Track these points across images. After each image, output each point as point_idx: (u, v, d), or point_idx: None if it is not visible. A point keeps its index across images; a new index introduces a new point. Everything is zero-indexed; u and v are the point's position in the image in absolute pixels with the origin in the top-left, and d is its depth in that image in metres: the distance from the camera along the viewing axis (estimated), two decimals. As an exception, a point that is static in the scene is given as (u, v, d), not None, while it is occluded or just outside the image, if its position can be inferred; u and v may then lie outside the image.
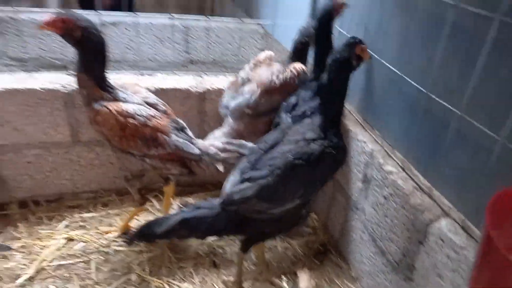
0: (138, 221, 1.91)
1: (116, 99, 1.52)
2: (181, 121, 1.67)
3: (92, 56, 1.46)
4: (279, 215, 1.41)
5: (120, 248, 1.76)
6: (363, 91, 1.78)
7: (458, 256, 1.14)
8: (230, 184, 1.41)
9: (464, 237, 1.17)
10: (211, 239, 1.80)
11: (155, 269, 1.66)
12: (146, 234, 1.38)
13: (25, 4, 3.28)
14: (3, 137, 1.80)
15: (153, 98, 1.63)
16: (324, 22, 1.72)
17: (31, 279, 1.58)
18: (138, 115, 1.50)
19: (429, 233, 1.26)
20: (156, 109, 1.60)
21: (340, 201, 1.85)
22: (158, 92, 1.89)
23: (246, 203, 1.34)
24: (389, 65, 1.55)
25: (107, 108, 1.46)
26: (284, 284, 1.65)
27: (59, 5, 4.39)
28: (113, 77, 1.95)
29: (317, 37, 1.76)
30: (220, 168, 1.61)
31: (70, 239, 1.79)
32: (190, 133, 1.67)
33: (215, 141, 1.66)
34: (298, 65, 1.84)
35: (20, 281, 1.56)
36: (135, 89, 1.63)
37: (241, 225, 1.43)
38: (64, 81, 1.82)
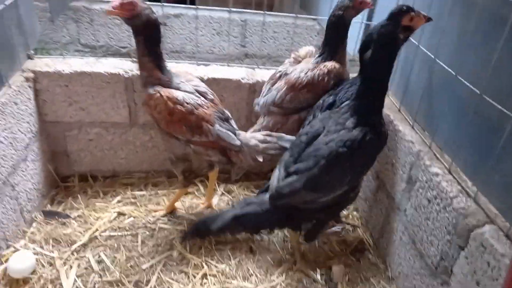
0: (183, 203, 2.01)
1: (171, 83, 1.61)
2: (226, 112, 1.73)
3: (153, 39, 1.56)
4: (328, 202, 1.43)
5: (165, 226, 1.86)
6: (415, 90, 1.74)
7: (499, 264, 1.10)
8: (276, 178, 1.44)
9: (508, 246, 1.12)
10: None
11: (195, 249, 1.75)
12: (201, 231, 1.44)
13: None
14: (70, 115, 1.97)
15: (203, 87, 1.71)
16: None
17: (84, 245, 1.73)
18: (186, 103, 1.58)
19: (471, 239, 1.22)
20: (205, 97, 1.67)
21: (382, 201, 1.83)
22: (211, 82, 1.97)
23: (296, 196, 1.37)
24: (443, 64, 1.50)
25: (160, 93, 1.56)
26: (318, 276, 1.66)
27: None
28: (171, 66, 2.07)
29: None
30: (260, 158, 1.65)
31: (121, 214, 1.92)
32: (234, 123, 1.73)
33: (256, 133, 1.70)
34: (330, 64, 1.78)
35: (75, 246, 1.71)
36: (187, 77, 1.72)
37: (292, 217, 1.46)
38: (126, 66, 1.95)
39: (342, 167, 1.37)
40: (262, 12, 2.19)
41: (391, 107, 1.88)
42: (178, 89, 1.62)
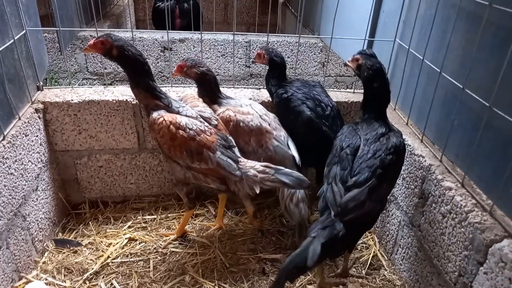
0: (193, 225, 2.00)
1: (169, 106, 1.62)
2: (230, 138, 1.71)
3: (132, 70, 1.58)
4: (379, 210, 1.51)
5: (176, 250, 1.85)
6: (423, 104, 1.73)
7: (520, 279, 1.07)
8: (337, 195, 1.42)
9: (529, 260, 1.09)
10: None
11: (208, 272, 1.73)
12: (296, 271, 1.37)
13: (105, 24, 3.61)
14: (80, 143, 1.99)
15: (208, 113, 1.71)
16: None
17: (96, 273, 1.72)
18: (188, 128, 1.58)
19: (490, 254, 1.19)
20: (209, 123, 1.67)
21: (395, 217, 1.80)
22: (218, 104, 1.98)
23: (361, 208, 1.39)
24: (450, 78, 1.50)
25: (163, 118, 1.57)
26: (334, 296, 1.63)
27: (133, 26, 4.76)
28: (178, 90, 2.09)
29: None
30: (257, 189, 1.61)
31: (133, 239, 1.92)
32: (237, 151, 1.70)
33: (256, 162, 1.66)
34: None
35: (87, 275, 1.69)
36: (193, 103, 1.73)
37: (355, 230, 1.48)
38: (134, 92, 1.97)
39: (394, 172, 1.50)
40: (265, 34, 2.21)
41: (398, 121, 1.87)
42: (178, 113, 1.62)
